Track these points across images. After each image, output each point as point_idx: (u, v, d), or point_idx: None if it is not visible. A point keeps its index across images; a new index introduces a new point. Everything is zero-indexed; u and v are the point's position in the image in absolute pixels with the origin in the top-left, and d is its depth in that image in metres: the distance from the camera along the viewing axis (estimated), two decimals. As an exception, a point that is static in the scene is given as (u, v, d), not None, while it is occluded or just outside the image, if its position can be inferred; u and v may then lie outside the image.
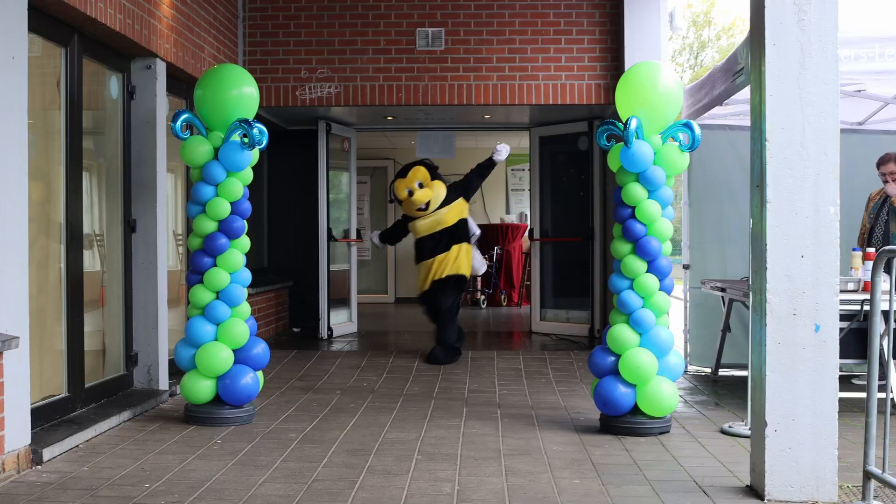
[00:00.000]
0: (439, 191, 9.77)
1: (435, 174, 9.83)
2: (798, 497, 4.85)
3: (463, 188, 10.06)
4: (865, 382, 8.03)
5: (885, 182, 8.12)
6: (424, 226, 9.85)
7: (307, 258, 12.09)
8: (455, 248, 9.86)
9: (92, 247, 7.26)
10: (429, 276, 9.87)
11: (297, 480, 5.26)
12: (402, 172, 9.90)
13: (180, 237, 8.89)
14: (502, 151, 10.04)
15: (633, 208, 6.41)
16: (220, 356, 6.68)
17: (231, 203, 6.75)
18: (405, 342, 11.62)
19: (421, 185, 9.73)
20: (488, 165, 10.09)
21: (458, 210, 9.92)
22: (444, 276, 9.81)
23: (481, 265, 10.39)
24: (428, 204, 9.75)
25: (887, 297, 4.82)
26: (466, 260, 9.95)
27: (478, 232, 10.24)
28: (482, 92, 10.53)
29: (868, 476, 4.65)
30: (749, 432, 5.66)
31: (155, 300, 7.68)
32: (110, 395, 7.25)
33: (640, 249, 6.38)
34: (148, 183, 7.68)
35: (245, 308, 6.86)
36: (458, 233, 9.91)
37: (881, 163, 8.13)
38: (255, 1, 10.64)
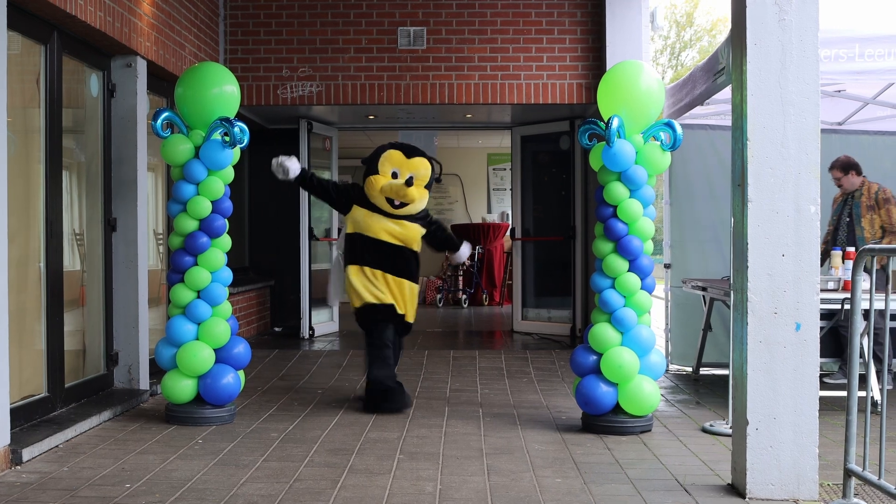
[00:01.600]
0: (422, 202, 7.39)
1: (431, 182, 7.49)
2: (779, 495, 4.87)
3: (426, 220, 7.60)
4: (838, 382, 8.16)
5: (838, 185, 8.43)
6: (382, 227, 7.28)
7: (288, 257, 12.06)
8: (413, 285, 7.52)
9: (72, 246, 7.22)
10: (386, 290, 7.36)
11: (278, 480, 5.24)
12: (408, 150, 7.41)
13: (161, 236, 8.84)
14: (462, 255, 8.02)
15: (615, 207, 6.42)
16: (201, 356, 6.65)
17: (212, 202, 6.73)
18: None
19: (410, 181, 7.23)
20: (444, 246, 7.94)
21: (419, 239, 7.51)
22: (410, 319, 7.56)
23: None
24: (402, 206, 7.27)
25: (867, 295, 4.84)
26: (413, 303, 7.56)
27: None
28: (464, 91, 10.53)
29: (849, 474, 4.67)
30: (730, 431, 5.68)
31: (135, 299, 7.65)
32: (91, 395, 7.21)
33: (621, 248, 6.39)
34: (128, 181, 7.64)
35: (226, 307, 6.84)
36: (415, 264, 7.56)
37: (830, 168, 8.31)
38: (237, -1, 10.61)
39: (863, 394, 5.66)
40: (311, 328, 11.85)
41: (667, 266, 9.60)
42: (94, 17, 6.75)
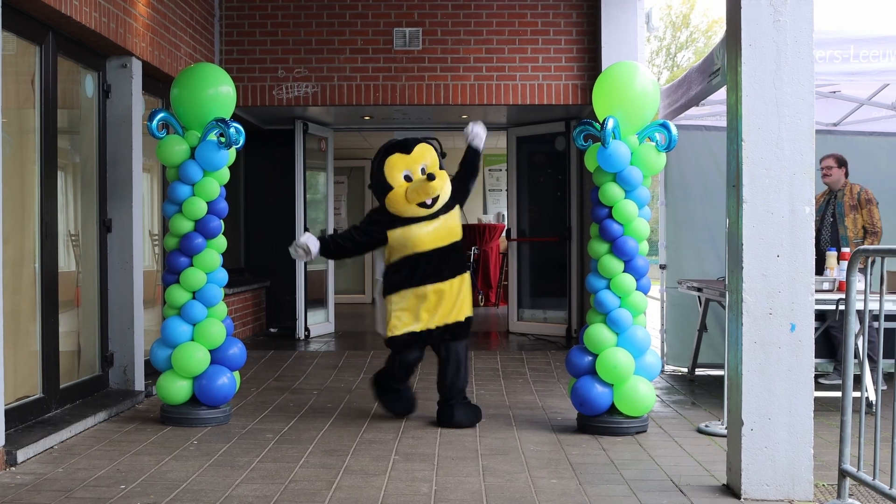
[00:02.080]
0: (448, 185, 6.75)
1: (441, 161, 6.91)
2: (774, 495, 4.88)
3: (458, 191, 6.95)
4: (833, 382, 8.17)
5: (824, 176, 8.42)
6: (429, 234, 6.60)
7: (284, 258, 11.95)
8: (466, 275, 6.88)
9: (67, 246, 7.21)
10: (437, 309, 6.69)
11: (273, 481, 5.24)
12: (404, 146, 6.73)
13: (156, 237, 8.84)
14: (477, 133, 7.12)
15: (610, 208, 6.43)
16: (197, 356, 6.65)
17: (208, 203, 6.72)
18: (382, 343, 11.56)
19: (423, 170, 6.69)
20: (473, 158, 7.12)
21: (460, 223, 6.88)
22: (462, 317, 6.79)
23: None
24: (436, 200, 6.63)
25: (861, 297, 4.84)
26: (469, 296, 6.89)
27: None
28: (459, 92, 10.53)
29: (843, 474, 4.67)
30: (725, 431, 5.68)
31: (131, 300, 7.64)
32: (86, 396, 7.20)
33: (617, 249, 6.40)
34: (124, 182, 7.63)
35: (222, 308, 6.83)
36: (462, 252, 6.98)
37: (822, 158, 8.32)
38: (232, 0, 10.60)
39: (857, 394, 5.67)
40: (306, 329, 11.85)
41: (662, 267, 9.61)
42: (89, 17, 6.74)
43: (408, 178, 6.62)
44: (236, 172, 10.92)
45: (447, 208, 6.71)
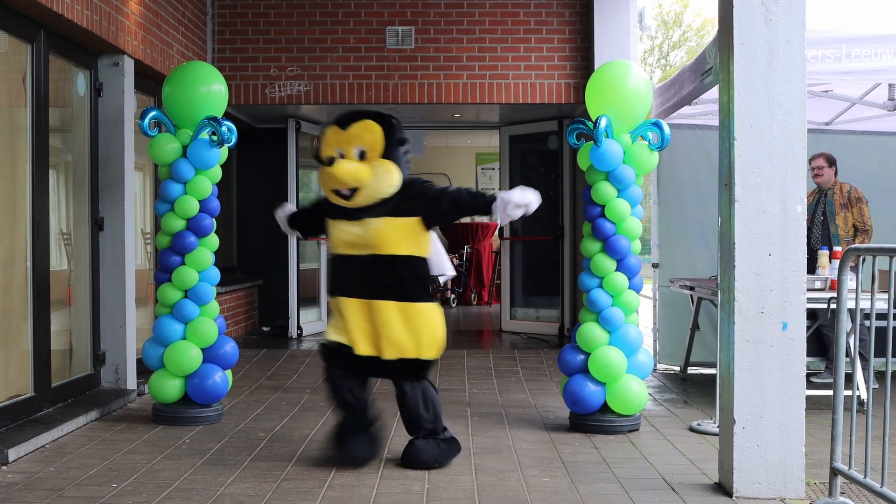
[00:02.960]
0: (384, 177, 5.32)
1: (392, 146, 5.40)
2: (766, 494, 4.89)
3: (429, 204, 5.45)
4: (825, 381, 8.18)
5: (815, 176, 8.44)
6: (346, 235, 5.44)
7: (276, 257, 12.03)
8: (395, 307, 5.37)
9: (59, 245, 7.19)
10: (368, 332, 5.46)
11: (266, 480, 5.23)
12: (343, 120, 5.46)
13: (148, 235, 8.82)
14: (512, 209, 5.66)
15: (603, 207, 6.43)
16: (189, 355, 6.64)
17: (200, 201, 6.71)
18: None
19: (362, 154, 5.35)
20: (481, 208, 5.73)
21: (411, 234, 5.41)
22: (407, 354, 5.42)
23: (448, 267, 5.70)
24: (354, 192, 5.31)
25: (853, 295, 4.86)
26: (429, 331, 5.44)
27: (450, 273, 5.72)
28: (452, 90, 10.53)
29: (835, 472, 4.68)
30: (717, 430, 5.69)
31: (123, 299, 7.62)
32: (77, 395, 7.19)
33: (609, 248, 6.40)
34: (115, 181, 7.62)
35: (214, 307, 6.82)
36: (406, 275, 5.40)
37: (812, 158, 8.34)
38: (225, -2, 10.60)
39: (849, 393, 5.68)
40: (299, 328, 11.83)
41: (654, 265, 9.62)
42: (80, 15, 6.72)
43: (330, 158, 5.35)
44: (228, 171, 10.91)
45: (388, 210, 5.32)
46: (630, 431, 6.52)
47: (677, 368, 9.25)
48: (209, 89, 6.79)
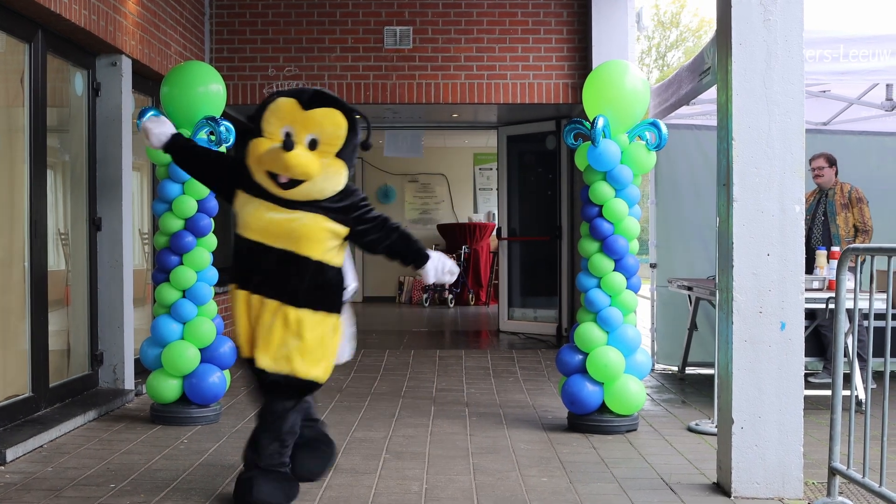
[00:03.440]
0: (333, 179, 4.69)
1: (350, 147, 4.74)
2: (764, 494, 4.89)
3: (362, 225, 4.81)
4: (823, 381, 8.19)
5: (816, 177, 8.44)
6: (258, 220, 4.72)
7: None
8: (287, 311, 4.68)
9: (56, 245, 7.19)
10: (248, 330, 4.79)
11: (264, 480, 5.22)
12: (307, 99, 4.66)
13: (146, 235, 8.82)
14: (427, 273, 4.90)
15: (601, 207, 6.43)
16: (187, 355, 6.63)
17: (198, 201, 6.71)
18: (373, 341, 11.59)
19: (314, 143, 4.63)
20: (412, 259, 4.92)
21: (333, 240, 4.76)
22: (263, 365, 4.69)
23: (352, 279, 5.01)
24: (295, 184, 4.61)
25: (851, 295, 4.86)
26: (320, 348, 4.74)
27: (353, 286, 5.02)
28: (450, 90, 10.53)
29: (833, 472, 4.68)
30: (716, 430, 5.70)
31: (120, 299, 7.62)
32: (75, 395, 7.18)
33: (607, 248, 6.40)
34: (113, 181, 7.61)
35: (212, 307, 6.82)
36: (316, 281, 4.72)
37: (812, 158, 8.34)
38: (222, -2, 10.59)
39: (847, 393, 5.69)
40: (297, 328, 11.81)
41: (652, 265, 9.62)
42: (78, 15, 6.72)
43: (287, 138, 4.55)
44: (226, 171, 10.88)
45: (315, 207, 4.68)
46: (628, 431, 6.52)
47: (675, 368, 9.26)
48: (207, 89, 6.78)
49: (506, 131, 12.49)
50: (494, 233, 13.94)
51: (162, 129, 5.14)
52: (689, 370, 9.09)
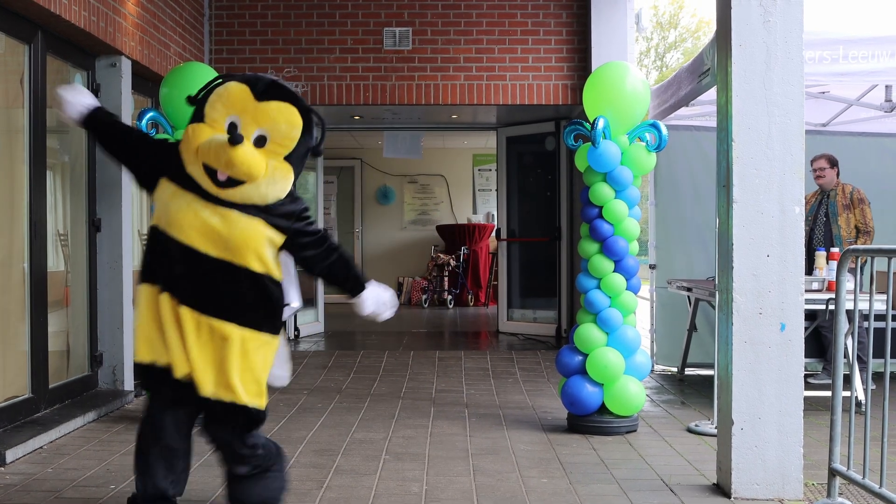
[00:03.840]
0: (278, 184, 4.09)
1: (302, 152, 4.17)
2: (764, 495, 4.89)
3: (302, 238, 4.22)
4: (822, 382, 8.19)
5: (817, 178, 8.43)
6: (201, 223, 4.02)
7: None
8: (242, 333, 4.07)
9: (56, 246, 7.18)
10: (178, 341, 4.05)
11: (264, 481, 5.22)
12: (262, 90, 4.04)
13: (146, 237, 8.80)
14: (364, 304, 4.46)
15: (601, 208, 6.43)
16: (187, 356, 6.62)
17: (197, 202, 6.70)
18: (372, 342, 11.59)
19: (261, 140, 4.03)
20: (349, 284, 4.45)
21: (271, 250, 4.14)
22: (207, 392, 4.05)
23: (295, 297, 4.47)
24: (233, 183, 3.98)
25: (851, 296, 4.86)
26: (262, 369, 4.18)
27: (296, 305, 4.47)
28: (449, 92, 10.53)
29: (833, 473, 4.69)
30: (715, 431, 5.70)
31: (120, 300, 7.62)
32: (75, 396, 7.18)
33: (607, 249, 6.40)
34: (113, 182, 7.61)
35: (211, 308, 6.80)
36: (258, 296, 4.13)
37: (814, 159, 8.34)
38: (222, -1, 10.59)
39: (847, 394, 5.69)
40: (296, 329, 11.83)
41: (652, 267, 9.63)
42: (78, 16, 6.72)
43: (232, 129, 3.96)
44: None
45: (255, 211, 4.03)
46: (628, 432, 6.52)
47: (675, 369, 9.26)
48: (207, 90, 6.77)
49: (505, 132, 12.49)
50: (494, 234, 13.94)
51: (79, 98, 4.37)
52: (689, 371, 9.09)
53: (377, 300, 4.45)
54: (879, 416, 4.48)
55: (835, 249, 7.72)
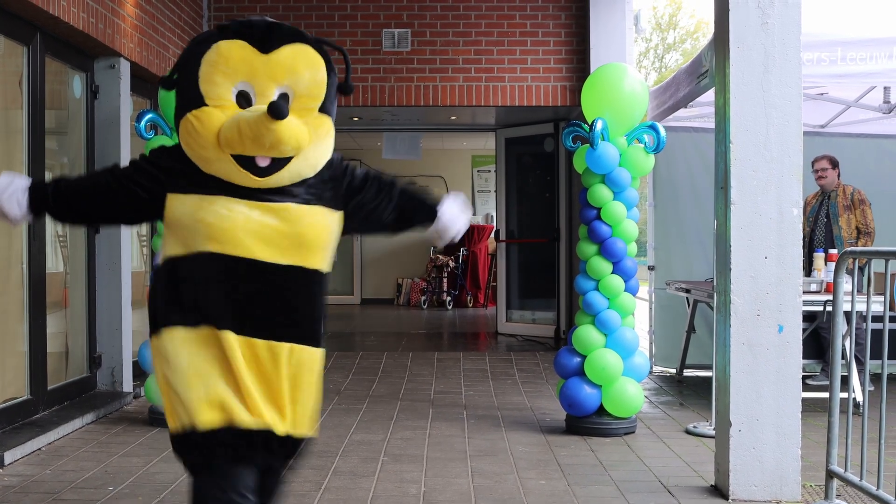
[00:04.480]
0: (325, 145, 3.21)
1: (333, 94, 3.27)
2: (762, 496, 4.89)
3: (341, 185, 3.31)
4: (820, 383, 8.19)
5: (818, 179, 8.41)
6: (253, 226, 3.06)
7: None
8: (312, 354, 3.19)
9: (55, 248, 7.18)
10: (249, 385, 3.06)
11: (262, 482, 5.22)
12: (264, 37, 3.14)
13: (144, 238, 8.81)
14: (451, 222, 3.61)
15: (599, 210, 6.44)
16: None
17: (196, 204, 6.70)
18: (371, 343, 11.59)
19: (285, 101, 3.10)
20: (408, 217, 3.56)
21: (335, 237, 3.26)
22: (283, 430, 3.12)
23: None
24: (281, 163, 3.05)
25: (849, 298, 4.87)
26: (318, 391, 3.26)
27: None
28: (448, 93, 10.53)
29: (831, 475, 4.69)
30: (713, 432, 5.70)
31: (119, 301, 7.62)
32: (73, 398, 7.18)
33: (605, 251, 6.41)
34: (112, 183, 7.59)
35: (210, 309, 6.80)
36: (321, 306, 3.24)
37: (815, 160, 8.34)
38: (221, 0, 10.57)
39: (845, 395, 5.69)
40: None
41: (651, 268, 9.63)
42: (77, 18, 6.72)
43: (244, 100, 3.10)
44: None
45: (315, 200, 3.18)
46: (626, 434, 6.52)
47: (673, 371, 9.26)
48: (205, 92, 6.77)
49: (504, 134, 12.49)
50: (493, 235, 13.94)
51: (6, 192, 3.14)
52: (687, 373, 9.09)
53: (454, 218, 3.62)
54: (877, 417, 4.49)
55: (833, 251, 7.73)
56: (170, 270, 3.14)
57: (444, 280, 16.98)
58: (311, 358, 3.18)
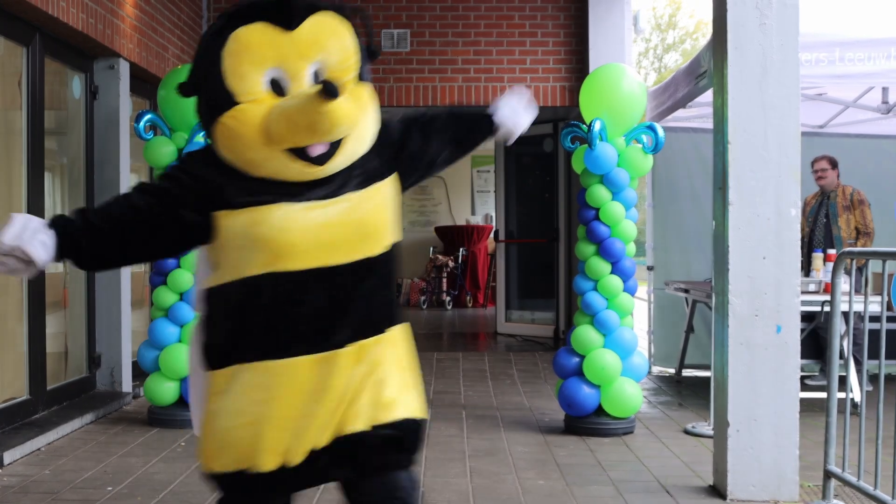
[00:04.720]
0: (373, 118, 2.88)
1: (365, 67, 2.92)
2: (760, 496, 4.90)
3: (394, 142, 3.04)
4: (818, 383, 8.20)
5: (818, 179, 8.41)
6: (316, 228, 2.71)
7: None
8: (396, 332, 2.91)
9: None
10: (317, 407, 2.74)
11: (261, 482, 5.22)
12: (284, 13, 2.75)
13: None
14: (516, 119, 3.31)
15: (598, 210, 6.44)
16: (184, 358, 6.64)
17: (195, 204, 6.71)
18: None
19: (319, 78, 2.77)
20: (481, 134, 3.31)
21: (396, 205, 2.93)
22: (391, 416, 2.80)
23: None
24: (336, 147, 2.72)
25: (847, 298, 4.88)
26: (411, 370, 2.96)
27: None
28: (447, 93, 10.53)
29: (829, 475, 4.70)
30: (712, 432, 5.71)
31: (118, 302, 7.62)
32: (73, 398, 7.18)
33: (604, 251, 6.42)
34: (111, 183, 7.61)
35: (209, 309, 6.81)
36: (390, 277, 2.91)
37: (815, 161, 8.35)
38: (220, 1, 10.57)
39: (843, 395, 5.70)
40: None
41: (649, 268, 9.63)
42: (76, 19, 6.73)
43: (276, 88, 2.76)
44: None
45: (367, 177, 2.86)
46: (625, 434, 6.53)
47: (672, 371, 9.26)
48: (204, 92, 6.78)
49: (503, 134, 12.47)
50: (492, 235, 13.95)
51: (26, 233, 2.72)
52: (686, 373, 9.09)
53: (515, 117, 3.33)
54: (875, 417, 4.50)
55: (832, 251, 7.74)
56: (228, 296, 2.77)
57: (444, 280, 16.97)
58: (393, 339, 2.89)
